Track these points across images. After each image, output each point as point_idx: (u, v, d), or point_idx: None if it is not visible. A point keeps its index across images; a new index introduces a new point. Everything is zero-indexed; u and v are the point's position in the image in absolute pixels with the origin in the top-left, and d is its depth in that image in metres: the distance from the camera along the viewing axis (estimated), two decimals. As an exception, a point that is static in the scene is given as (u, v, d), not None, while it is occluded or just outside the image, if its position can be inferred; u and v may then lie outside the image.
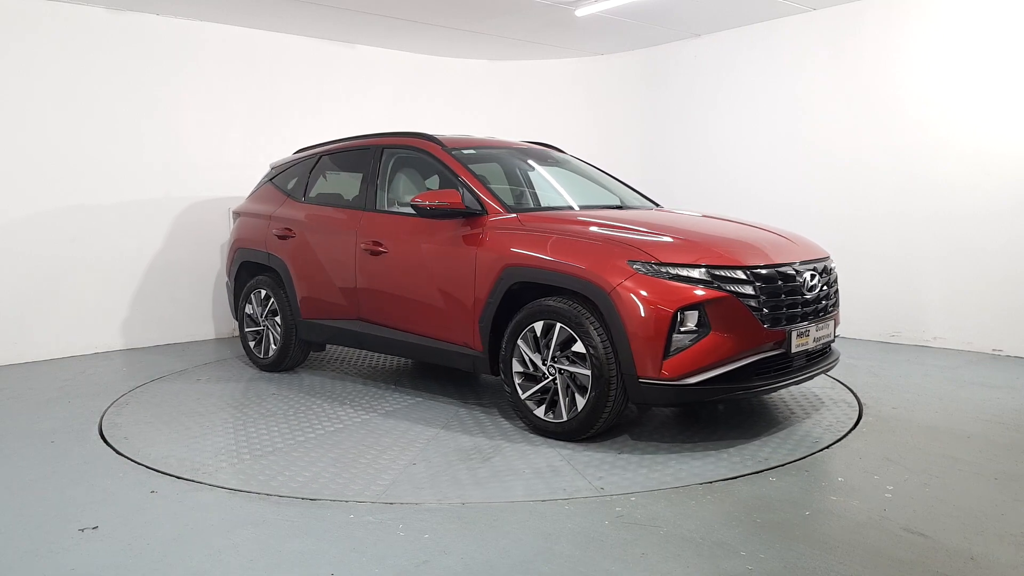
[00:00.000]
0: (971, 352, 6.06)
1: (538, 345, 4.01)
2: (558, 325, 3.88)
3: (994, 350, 6.01)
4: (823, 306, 4.18)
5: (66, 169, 6.32)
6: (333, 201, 5.43)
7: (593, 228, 4.11)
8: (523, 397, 4.08)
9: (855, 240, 6.69)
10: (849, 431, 4.12)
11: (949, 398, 4.75)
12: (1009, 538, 2.83)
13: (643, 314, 3.60)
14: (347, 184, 5.48)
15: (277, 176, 5.97)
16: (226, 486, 3.45)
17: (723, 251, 3.83)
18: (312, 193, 5.59)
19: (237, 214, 6.18)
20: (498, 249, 4.20)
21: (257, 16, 6.84)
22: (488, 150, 5.17)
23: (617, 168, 8.60)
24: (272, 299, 5.60)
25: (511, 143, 5.45)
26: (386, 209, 5.04)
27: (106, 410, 4.74)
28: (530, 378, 4.08)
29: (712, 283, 3.67)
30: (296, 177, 5.77)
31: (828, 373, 5.28)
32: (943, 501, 3.17)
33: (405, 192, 5.29)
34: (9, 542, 2.91)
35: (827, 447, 3.87)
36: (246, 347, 5.89)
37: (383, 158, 5.15)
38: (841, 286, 6.55)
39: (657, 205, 5.36)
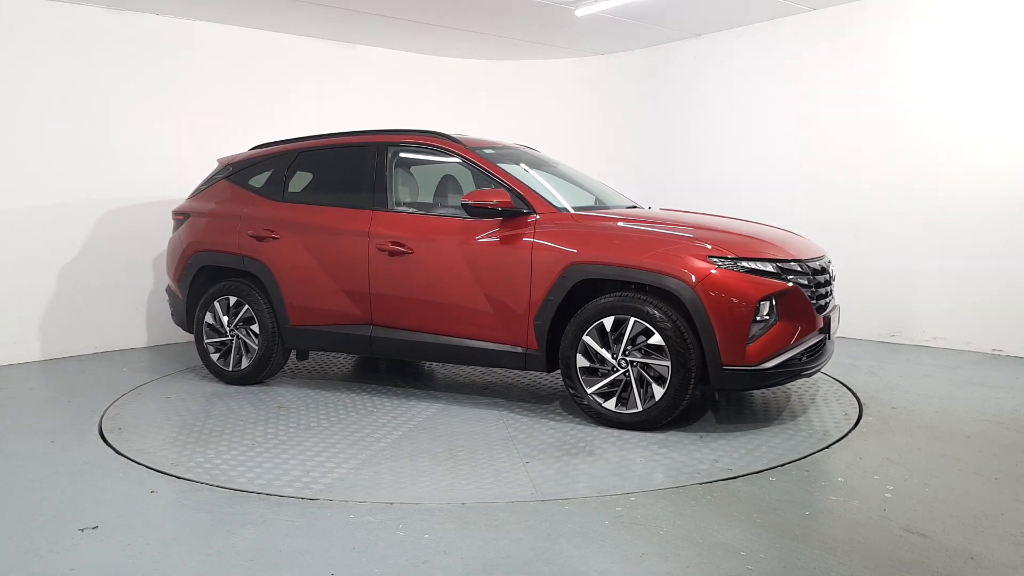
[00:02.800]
0: (971, 352, 6.06)
1: (605, 340, 4.12)
2: (632, 319, 4.03)
3: (994, 350, 6.01)
4: (832, 296, 4.59)
5: (67, 169, 6.32)
6: (327, 200, 5.11)
7: (654, 227, 4.35)
8: (590, 392, 4.17)
9: (855, 239, 6.69)
10: (849, 431, 4.12)
11: (949, 398, 4.75)
12: (1009, 538, 2.83)
13: (729, 305, 3.89)
14: (342, 182, 5.17)
15: (236, 173, 5.51)
16: (226, 486, 3.45)
17: (783, 247, 4.24)
18: (294, 191, 5.25)
19: (184, 214, 5.64)
20: (558, 247, 4.26)
21: (257, 16, 6.84)
22: (502, 150, 5.14)
23: (617, 168, 8.63)
24: (246, 306, 5.16)
25: (506, 143, 5.45)
26: (403, 208, 4.88)
27: (106, 410, 4.73)
28: (591, 372, 4.19)
29: (779, 275, 4.03)
30: (268, 174, 5.36)
31: (828, 373, 5.37)
32: (943, 501, 3.17)
33: (424, 191, 5.20)
34: (9, 542, 2.91)
35: (827, 447, 3.87)
36: (206, 360, 5.37)
37: (389, 156, 4.97)
38: (841, 286, 6.60)
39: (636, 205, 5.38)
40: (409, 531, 2.95)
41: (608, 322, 4.10)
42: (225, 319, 5.27)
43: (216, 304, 5.29)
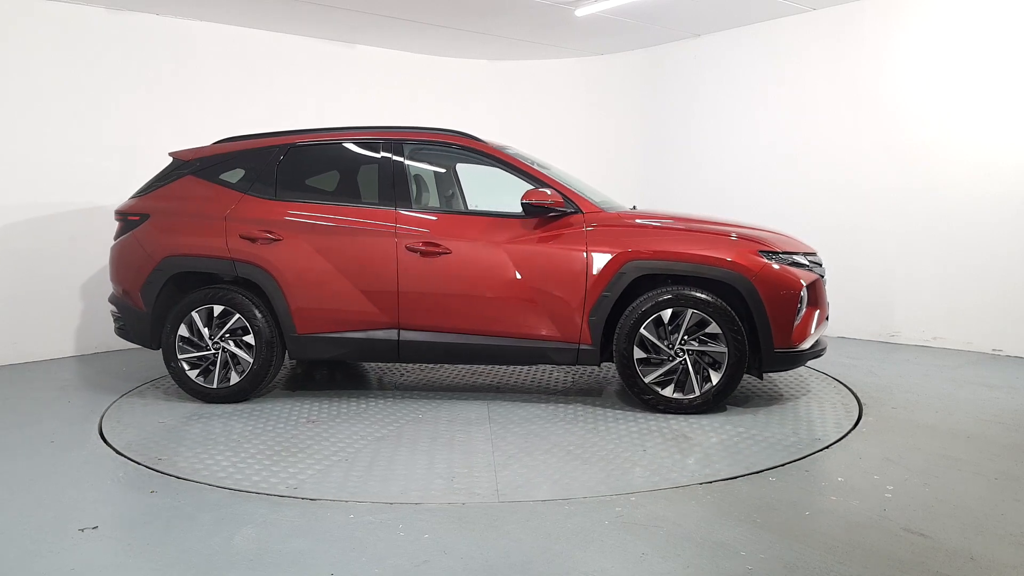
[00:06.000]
0: (971, 352, 6.06)
1: (660, 331, 4.39)
2: (690, 311, 4.32)
3: (994, 350, 6.01)
4: None
5: (67, 168, 6.32)
6: (335, 198, 4.89)
7: (694, 225, 4.60)
8: (648, 381, 4.40)
9: (855, 239, 6.69)
10: (849, 431, 4.12)
11: (949, 398, 4.75)
12: (1009, 538, 2.83)
13: (780, 294, 4.30)
14: (353, 180, 5.00)
15: (205, 168, 4.99)
16: (226, 486, 3.45)
17: (804, 243, 4.76)
18: (290, 189, 4.88)
19: (140, 214, 4.99)
20: (614, 244, 4.43)
21: (257, 16, 6.84)
22: (516, 151, 5.14)
23: (616, 167, 8.64)
24: (236, 316, 4.72)
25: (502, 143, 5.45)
26: (431, 208, 4.79)
27: (106, 410, 4.73)
28: (644, 363, 4.43)
29: (808, 267, 4.52)
30: (251, 170, 4.92)
31: (828, 373, 5.40)
32: (943, 501, 3.17)
33: (450, 191, 5.14)
34: (9, 542, 2.91)
35: (827, 447, 3.87)
36: (181, 378, 4.81)
37: (405, 154, 4.83)
38: (841, 286, 6.64)
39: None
40: (409, 531, 2.95)
41: (666, 314, 4.35)
42: (206, 331, 4.77)
43: (195, 315, 4.76)
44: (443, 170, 5.29)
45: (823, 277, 4.63)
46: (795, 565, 2.64)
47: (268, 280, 4.73)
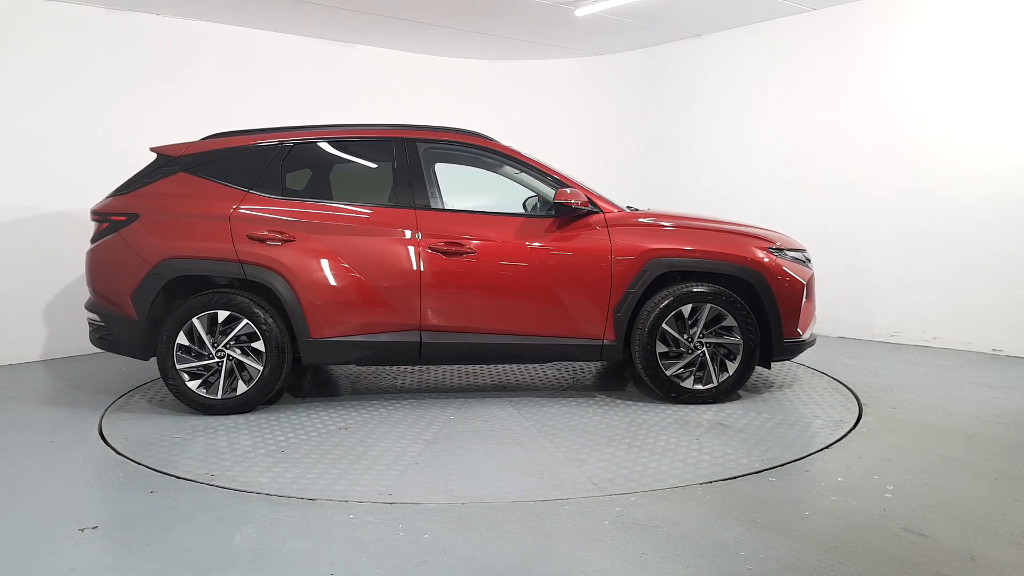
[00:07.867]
0: (971, 352, 6.06)
1: (680, 325, 4.60)
2: (708, 305, 4.55)
3: (994, 350, 6.00)
4: None
5: (65, 168, 6.33)
6: (347, 197, 4.78)
7: (706, 224, 4.84)
8: (670, 374, 4.59)
9: (855, 239, 6.69)
10: (849, 431, 4.12)
11: (949, 398, 4.75)
12: (1009, 538, 2.83)
13: (789, 288, 4.60)
14: (365, 179, 4.94)
15: (200, 165, 4.69)
16: (226, 486, 3.45)
17: (797, 241, 5.02)
18: (298, 187, 4.76)
19: (126, 215, 4.62)
20: (637, 243, 4.59)
21: (257, 16, 6.85)
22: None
23: (616, 168, 8.64)
24: (244, 321, 4.47)
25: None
26: (453, 208, 4.74)
27: (106, 410, 4.73)
28: (663, 356, 4.61)
29: (806, 263, 4.84)
30: (253, 167, 4.68)
31: (829, 373, 5.40)
32: (943, 501, 3.17)
33: (470, 191, 5.19)
34: (9, 542, 2.91)
35: (827, 447, 3.87)
36: (181, 390, 4.50)
37: (420, 153, 4.76)
38: (842, 286, 6.64)
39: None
40: (409, 531, 2.95)
41: (686, 309, 4.56)
42: (208, 339, 4.49)
43: (195, 322, 4.47)
44: (430, 168, 5.21)
45: (813, 273, 4.90)
46: (795, 565, 2.64)
47: (280, 282, 4.49)
